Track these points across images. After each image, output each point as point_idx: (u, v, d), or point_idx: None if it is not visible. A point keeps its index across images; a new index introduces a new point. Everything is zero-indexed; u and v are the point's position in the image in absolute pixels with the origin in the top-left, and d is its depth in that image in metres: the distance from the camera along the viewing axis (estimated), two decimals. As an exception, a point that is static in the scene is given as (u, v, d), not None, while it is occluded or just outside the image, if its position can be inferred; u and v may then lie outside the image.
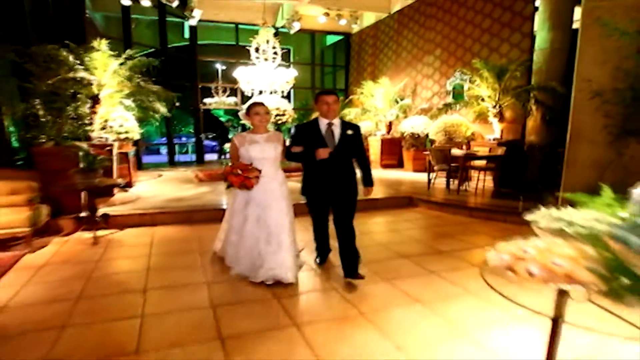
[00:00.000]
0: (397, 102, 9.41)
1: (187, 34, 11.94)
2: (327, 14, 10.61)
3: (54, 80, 5.26)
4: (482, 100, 7.11)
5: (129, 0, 9.04)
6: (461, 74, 7.88)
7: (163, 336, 2.49)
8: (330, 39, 13.69)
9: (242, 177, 3.19)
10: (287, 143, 3.47)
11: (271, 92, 9.03)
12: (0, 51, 4.79)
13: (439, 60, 8.88)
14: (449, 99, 8.30)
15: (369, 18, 11.31)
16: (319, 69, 13.75)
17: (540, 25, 6.45)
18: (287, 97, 10.42)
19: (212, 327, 2.59)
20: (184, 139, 19.46)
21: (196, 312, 2.76)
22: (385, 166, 9.47)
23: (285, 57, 13.37)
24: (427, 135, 8.22)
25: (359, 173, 3.42)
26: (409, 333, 2.53)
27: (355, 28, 11.92)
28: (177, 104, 7.57)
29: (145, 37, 11.50)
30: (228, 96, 12.41)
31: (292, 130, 3.46)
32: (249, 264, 3.34)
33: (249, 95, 9.09)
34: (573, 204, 1.39)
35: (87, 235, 4.64)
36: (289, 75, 9.00)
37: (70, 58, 5.63)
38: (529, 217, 1.48)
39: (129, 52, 6.65)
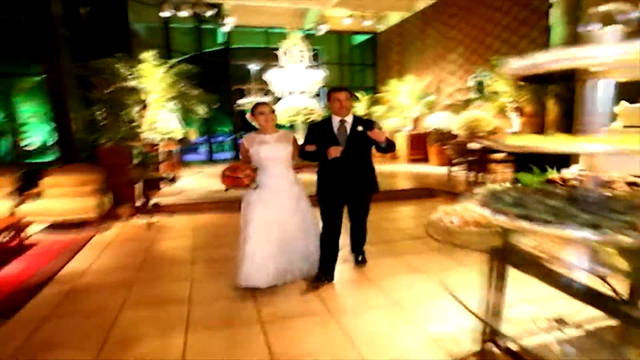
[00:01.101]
0: (422, 99, 9.88)
1: (221, 39, 12.86)
2: (351, 16, 11.19)
3: (111, 89, 6.19)
4: (500, 95, 7.47)
5: (168, 13, 10.01)
6: (482, 71, 8.25)
7: (207, 293, 3.23)
8: (358, 38, 14.24)
9: (232, 177, 3.16)
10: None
11: (301, 93, 9.73)
12: (70, 67, 5.77)
13: (461, 57, 9.26)
14: (471, 95, 8.67)
15: (394, 17, 11.78)
16: (348, 68, 14.34)
17: (555, 20, 6.74)
18: (318, 96, 11.11)
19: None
20: (220, 138, 20.61)
21: (233, 277, 3.48)
22: (411, 161, 9.97)
23: (315, 57, 14.08)
24: (450, 131, 8.66)
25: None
26: (405, 292, 3.14)
27: (381, 27, 12.41)
28: (216, 105, 8.42)
29: (183, 44, 12.52)
30: (261, 97, 13.22)
31: (306, 129, 3.52)
32: (263, 270, 3.21)
33: (280, 96, 9.84)
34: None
35: (142, 220, 5.54)
36: (317, 76, 9.66)
37: (123, 69, 6.56)
38: (476, 190, 2.06)
39: (171, 61, 7.53)
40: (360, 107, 11.97)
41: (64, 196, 5.40)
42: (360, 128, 3.22)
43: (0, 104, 8.78)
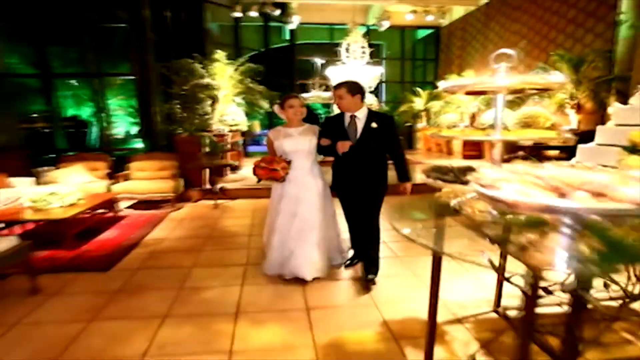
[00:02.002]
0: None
1: (286, 36, 13.71)
2: (414, 11, 11.45)
3: (188, 86, 7.20)
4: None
5: (239, 13, 11.00)
6: (542, 66, 8.20)
7: (259, 259, 3.93)
8: (421, 33, 14.37)
9: (268, 169, 3.29)
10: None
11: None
12: (155, 67, 6.86)
13: (523, 51, 9.18)
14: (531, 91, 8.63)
15: (458, 11, 11.82)
16: (409, 63, 14.55)
17: (625, 14, 6.59)
18: (376, 91, 11.55)
19: (292, 256, 3.95)
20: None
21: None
22: (466, 157, 10.08)
23: (377, 53, 14.46)
24: (506, 127, 8.69)
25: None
26: (426, 268, 3.60)
27: (445, 22, 12.49)
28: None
29: (252, 41, 13.54)
30: (324, 91, 13.90)
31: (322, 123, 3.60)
32: (279, 260, 3.42)
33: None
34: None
35: (209, 202, 6.47)
36: (376, 72, 10.12)
37: (199, 68, 7.55)
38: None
39: (240, 60, 8.43)
40: (420, 102, 12.21)
41: (146, 178, 6.49)
42: (374, 125, 3.22)
43: (93, 98, 10.37)
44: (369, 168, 3.26)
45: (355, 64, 10.05)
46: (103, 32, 8.37)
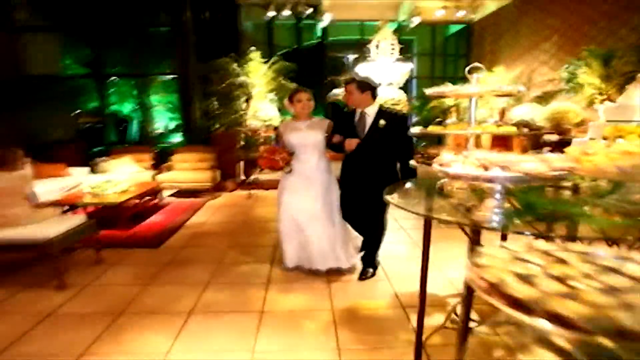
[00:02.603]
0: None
1: (318, 33, 14.16)
2: (445, 7, 11.62)
3: (225, 84, 7.80)
4: (588, 86, 7.48)
5: (272, 12, 11.55)
6: (574, 61, 8.27)
7: (289, 242, 4.43)
8: (453, 28, 14.45)
9: (268, 159, 3.33)
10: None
11: (388, 84, 10.57)
12: (194, 67, 7.51)
13: (555, 46, 9.19)
14: (562, 86, 8.67)
15: (490, 6, 11.88)
16: (440, 58, 14.67)
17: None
18: (405, 87, 11.83)
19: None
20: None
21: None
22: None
23: (408, 48, 14.66)
24: (535, 123, 8.79)
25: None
26: (439, 253, 3.96)
27: (476, 17, 12.56)
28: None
29: (284, 39, 14.07)
30: (354, 87, 14.26)
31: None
32: (293, 252, 3.54)
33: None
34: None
35: (243, 192, 7.05)
36: (405, 69, 10.42)
37: (235, 66, 8.13)
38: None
39: (274, 58, 8.95)
40: (450, 98, 12.36)
41: (187, 170, 7.14)
42: (382, 123, 3.19)
43: (136, 95, 11.20)
44: (376, 166, 3.21)
45: (384, 61, 10.39)
46: (148, 35, 9.12)
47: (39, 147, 6.47)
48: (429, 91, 2.96)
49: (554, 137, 7.00)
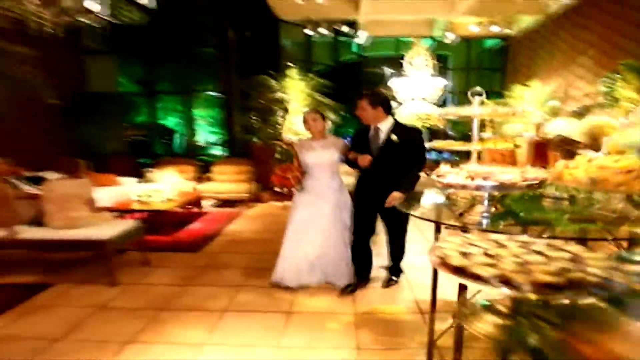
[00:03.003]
0: (546, 104, 9.89)
1: (355, 49, 14.52)
2: (480, 23, 11.65)
3: (263, 99, 8.23)
4: (622, 100, 7.33)
5: (311, 31, 12.01)
6: (610, 75, 8.11)
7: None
8: (489, 43, 14.40)
9: (281, 176, 3.48)
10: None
11: (422, 99, 10.70)
12: (236, 84, 8.00)
13: (592, 60, 9.01)
14: (598, 100, 8.50)
15: (526, 21, 11.80)
16: (475, 73, 14.62)
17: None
18: (440, 102, 11.89)
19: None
20: (348, 138, 22.60)
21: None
22: (532, 166, 10.07)
23: (445, 63, 14.71)
24: (572, 137, 8.63)
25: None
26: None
27: (512, 32, 12.49)
28: (342, 113, 10.02)
29: (322, 56, 14.52)
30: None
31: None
32: (294, 270, 3.54)
33: (403, 102, 10.98)
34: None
35: (278, 203, 7.37)
36: (439, 84, 10.53)
37: (273, 83, 8.56)
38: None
39: (310, 75, 9.33)
40: (486, 113, 12.28)
41: (226, 181, 7.56)
42: (394, 137, 3.17)
43: (181, 110, 11.91)
44: (391, 181, 3.11)
45: (418, 77, 10.54)
46: (194, 54, 9.76)
47: (95, 157, 7.09)
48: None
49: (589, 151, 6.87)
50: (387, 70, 14.72)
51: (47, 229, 3.84)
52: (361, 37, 12.67)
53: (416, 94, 10.72)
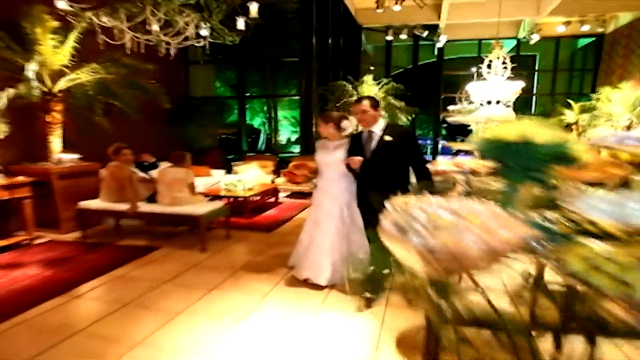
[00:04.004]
0: (636, 107, 9.35)
1: (435, 52, 14.75)
2: (567, 22, 11.28)
3: (340, 103, 9.06)
4: None
5: (391, 37, 12.59)
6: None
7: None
8: (581, 42, 13.71)
9: (292, 173, 3.85)
10: None
11: (497, 102, 10.73)
12: (316, 89, 8.97)
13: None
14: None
15: (624, 18, 11.14)
16: (564, 74, 13.99)
17: None
18: (523, 104, 11.74)
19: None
20: (421, 141, 22.53)
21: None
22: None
23: (534, 64, 14.31)
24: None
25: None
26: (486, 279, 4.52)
27: (605, 29, 11.83)
28: (413, 115, 10.48)
29: (401, 59, 15.00)
30: (469, 104, 14.42)
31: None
32: (300, 261, 3.89)
33: (478, 105, 11.08)
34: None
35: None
36: (515, 87, 10.49)
37: (349, 88, 9.35)
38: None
39: (384, 80, 9.96)
40: (570, 115, 11.86)
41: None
42: (387, 138, 3.20)
43: (265, 111, 13.25)
44: (387, 183, 3.04)
45: (494, 80, 10.59)
46: (279, 62, 10.94)
47: (193, 152, 8.49)
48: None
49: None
50: (469, 74, 14.65)
51: (158, 205, 5.04)
52: (442, 41, 12.92)
53: (492, 97, 10.77)
